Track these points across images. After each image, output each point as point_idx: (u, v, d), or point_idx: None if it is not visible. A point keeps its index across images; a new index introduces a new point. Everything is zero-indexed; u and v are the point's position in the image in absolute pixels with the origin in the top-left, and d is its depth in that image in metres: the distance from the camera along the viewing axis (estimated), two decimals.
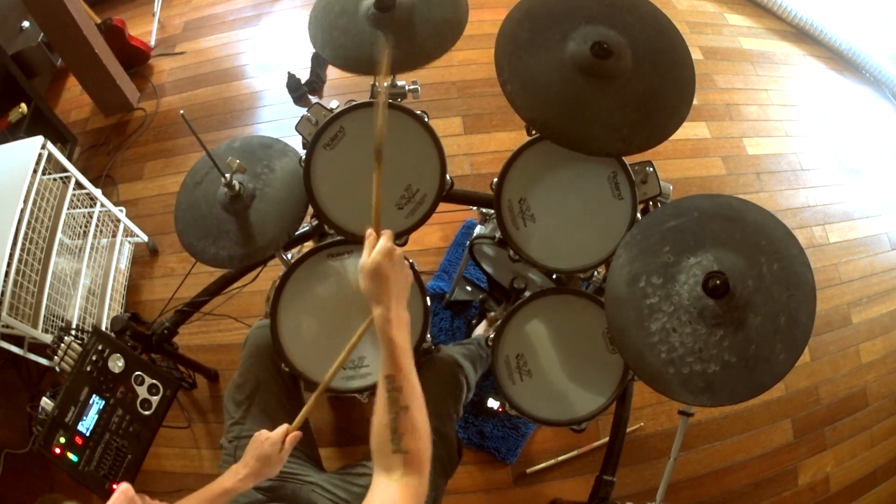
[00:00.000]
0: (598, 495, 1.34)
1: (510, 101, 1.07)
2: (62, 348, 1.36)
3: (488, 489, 1.82)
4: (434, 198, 1.18)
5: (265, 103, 2.64)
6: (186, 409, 1.97)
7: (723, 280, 0.93)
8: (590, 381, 1.19)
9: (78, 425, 1.29)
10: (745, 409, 1.98)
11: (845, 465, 1.98)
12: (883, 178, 2.56)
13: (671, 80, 1.10)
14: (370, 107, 1.16)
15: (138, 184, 2.47)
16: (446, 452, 1.21)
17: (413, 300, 1.20)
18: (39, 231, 1.81)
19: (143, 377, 1.36)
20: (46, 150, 1.78)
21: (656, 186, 1.15)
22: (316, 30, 1.21)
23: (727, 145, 2.51)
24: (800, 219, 2.39)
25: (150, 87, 2.75)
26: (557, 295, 1.19)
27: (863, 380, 2.11)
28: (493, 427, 1.85)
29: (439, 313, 2.02)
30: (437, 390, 1.25)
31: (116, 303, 2.12)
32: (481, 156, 2.40)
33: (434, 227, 2.23)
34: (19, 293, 1.71)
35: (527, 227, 1.17)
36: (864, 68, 2.84)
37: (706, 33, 2.87)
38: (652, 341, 0.96)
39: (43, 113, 2.41)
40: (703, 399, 0.93)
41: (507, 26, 1.12)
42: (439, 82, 2.58)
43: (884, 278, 2.31)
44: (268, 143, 1.31)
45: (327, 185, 1.17)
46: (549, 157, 1.15)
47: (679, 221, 1.02)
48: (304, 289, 1.21)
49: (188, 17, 3.02)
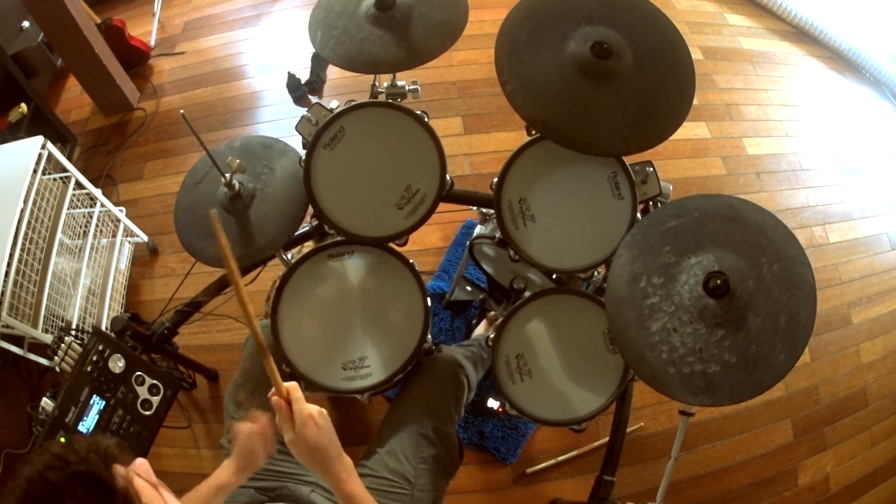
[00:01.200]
0: (598, 495, 1.34)
1: (510, 101, 1.07)
2: (62, 348, 1.36)
3: (488, 489, 1.82)
4: (434, 198, 1.18)
5: (265, 103, 2.64)
6: (186, 409, 1.97)
7: (723, 280, 0.93)
8: (590, 381, 1.19)
9: (78, 425, 1.28)
10: (745, 409, 1.98)
11: (845, 465, 1.98)
12: (883, 178, 2.56)
13: (671, 80, 1.10)
14: (370, 107, 1.16)
15: (138, 184, 2.47)
16: (447, 453, 1.21)
17: (413, 300, 1.20)
18: (39, 231, 1.80)
19: (143, 377, 1.36)
20: (46, 150, 1.78)
21: (656, 186, 1.15)
22: (316, 30, 1.21)
23: (727, 145, 2.51)
24: (800, 219, 2.39)
25: (150, 87, 2.75)
26: (557, 295, 1.19)
27: (863, 380, 2.11)
28: (493, 427, 1.85)
29: (439, 313, 2.02)
30: (437, 390, 1.25)
31: (116, 303, 2.12)
32: (481, 156, 2.40)
33: (434, 227, 2.23)
34: (19, 293, 1.71)
35: (527, 227, 1.17)
36: (864, 68, 2.84)
37: (706, 33, 2.87)
38: (652, 341, 0.96)
39: (43, 113, 2.41)
40: (703, 399, 0.93)
41: (507, 26, 1.12)
42: (439, 82, 2.57)
43: (884, 278, 2.31)
44: (268, 143, 1.31)
45: (327, 186, 1.17)
46: (549, 157, 1.15)
47: (679, 221, 1.02)
48: (305, 289, 1.21)
49: (188, 17, 3.02)
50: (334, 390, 1.19)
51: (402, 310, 1.21)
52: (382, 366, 1.19)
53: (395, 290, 1.22)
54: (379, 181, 1.18)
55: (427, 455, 1.17)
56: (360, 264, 1.23)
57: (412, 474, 1.15)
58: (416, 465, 1.16)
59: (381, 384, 1.18)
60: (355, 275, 1.22)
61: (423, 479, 1.15)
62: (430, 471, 1.16)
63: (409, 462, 1.16)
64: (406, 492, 1.13)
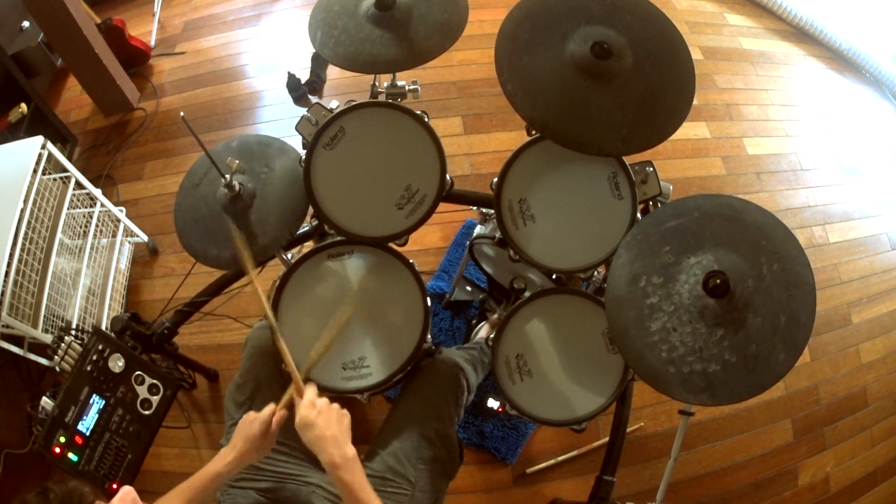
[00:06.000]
0: (598, 495, 1.34)
1: (510, 101, 1.07)
2: (62, 348, 1.36)
3: (488, 489, 1.82)
4: (434, 198, 1.17)
5: (265, 103, 2.64)
6: (186, 409, 1.97)
7: (723, 280, 0.93)
8: (590, 381, 1.19)
9: (78, 425, 1.28)
10: (745, 409, 1.98)
11: (845, 465, 1.98)
12: (883, 178, 2.56)
13: (671, 80, 1.10)
14: (370, 107, 1.16)
15: (138, 184, 2.47)
16: (447, 454, 1.21)
17: (413, 300, 1.20)
18: (39, 231, 1.81)
19: (143, 377, 1.36)
20: (46, 150, 1.78)
21: (656, 186, 1.15)
22: (316, 30, 1.21)
23: (727, 145, 2.51)
24: (800, 219, 2.39)
25: (150, 87, 2.76)
26: (557, 295, 1.19)
27: (863, 380, 2.11)
28: (493, 427, 1.85)
29: (439, 313, 2.02)
30: (437, 392, 1.25)
31: (116, 303, 2.12)
32: (481, 156, 2.40)
33: (434, 227, 2.23)
34: (19, 293, 1.71)
35: (527, 227, 1.17)
36: (864, 68, 2.84)
37: (706, 33, 2.87)
38: (652, 341, 0.96)
39: (43, 113, 2.41)
40: (703, 398, 0.93)
41: (507, 26, 1.12)
42: (439, 82, 2.58)
43: (884, 278, 2.31)
44: (266, 143, 1.31)
45: (327, 186, 1.17)
46: (549, 157, 1.15)
47: (679, 221, 1.02)
48: (305, 289, 1.21)
49: (188, 17, 3.02)
50: (334, 390, 1.19)
51: (402, 310, 1.21)
52: (382, 366, 1.19)
53: (395, 290, 1.21)
54: (379, 181, 1.17)
55: (427, 456, 1.17)
56: (359, 264, 1.22)
57: (413, 475, 1.15)
58: (417, 467, 1.16)
59: (381, 384, 1.18)
60: (355, 275, 1.22)
61: (424, 480, 1.16)
62: (430, 472, 1.17)
63: (410, 463, 1.16)
64: (407, 492, 1.13)
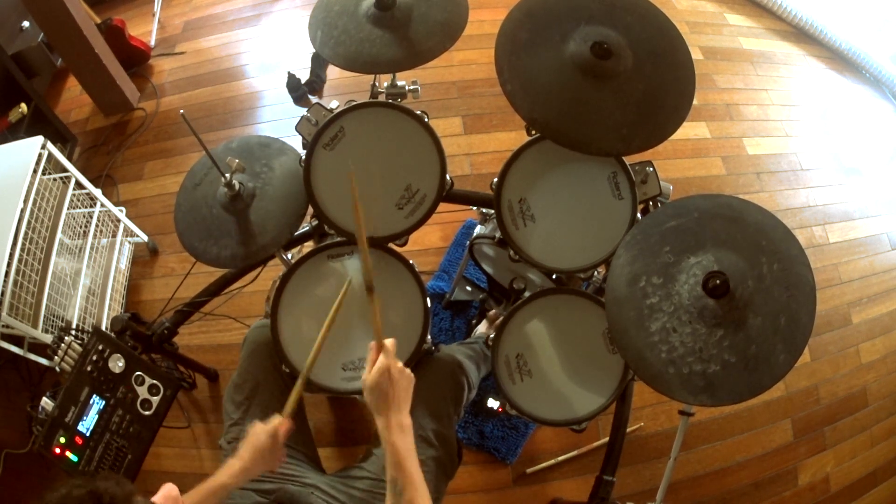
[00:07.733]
0: (598, 495, 1.34)
1: (510, 101, 1.07)
2: (62, 348, 1.36)
3: (488, 489, 1.82)
4: (434, 198, 1.18)
5: (265, 103, 2.64)
6: (186, 409, 1.97)
7: (723, 280, 0.93)
8: (590, 381, 1.19)
9: (78, 425, 1.28)
10: (745, 409, 1.98)
11: (845, 465, 1.98)
12: (883, 178, 2.56)
13: (671, 80, 1.10)
14: (370, 107, 1.16)
15: (138, 184, 2.47)
16: (446, 454, 1.21)
17: (413, 300, 1.20)
18: (39, 231, 1.80)
19: (143, 377, 1.36)
20: (46, 150, 1.78)
21: (656, 186, 1.15)
22: (316, 30, 1.21)
23: (727, 145, 2.51)
24: (800, 219, 2.39)
25: (150, 87, 2.75)
26: (557, 295, 1.19)
27: (863, 380, 2.11)
28: (493, 427, 1.85)
29: (439, 313, 2.02)
30: (436, 391, 1.25)
31: (116, 303, 2.12)
32: (481, 156, 2.40)
33: (434, 227, 2.23)
34: (19, 293, 1.71)
35: (527, 227, 1.17)
36: (864, 68, 2.84)
37: (706, 33, 2.87)
38: (652, 341, 0.96)
39: (43, 113, 2.41)
40: (703, 399, 0.93)
41: (507, 26, 1.12)
42: (439, 82, 2.58)
43: (884, 278, 2.31)
44: (265, 143, 1.31)
45: (327, 186, 1.17)
46: (549, 157, 1.15)
47: (679, 221, 1.02)
48: (305, 289, 1.21)
49: (188, 17, 3.02)
50: (334, 391, 1.19)
51: (402, 310, 1.21)
52: None
53: (395, 291, 1.22)
54: (379, 181, 1.18)
55: (426, 457, 1.17)
56: (359, 264, 1.23)
57: None
58: None
59: None
60: (355, 275, 1.22)
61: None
62: (429, 472, 1.16)
63: None
64: None
